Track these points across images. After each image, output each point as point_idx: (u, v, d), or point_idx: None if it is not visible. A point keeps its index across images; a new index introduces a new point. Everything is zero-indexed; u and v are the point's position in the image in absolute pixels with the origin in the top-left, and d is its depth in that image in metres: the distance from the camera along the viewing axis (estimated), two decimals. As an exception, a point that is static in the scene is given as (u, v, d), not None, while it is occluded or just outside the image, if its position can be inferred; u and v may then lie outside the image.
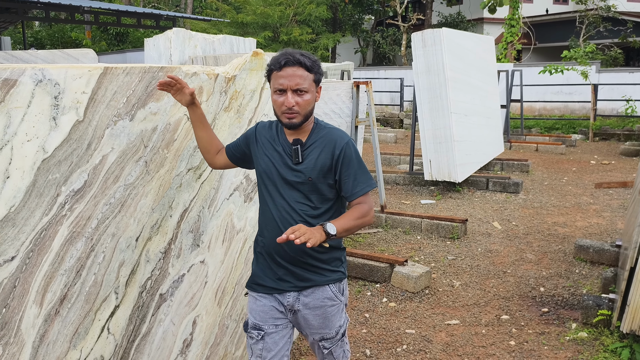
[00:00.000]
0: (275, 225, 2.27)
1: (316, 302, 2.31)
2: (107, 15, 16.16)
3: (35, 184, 1.98)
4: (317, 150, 2.25)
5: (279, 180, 2.27)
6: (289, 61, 2.17)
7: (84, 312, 2.16)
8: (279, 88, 2.19)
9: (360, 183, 2.24)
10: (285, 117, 2.21)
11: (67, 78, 2.08)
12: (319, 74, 2.25)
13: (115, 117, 2.26)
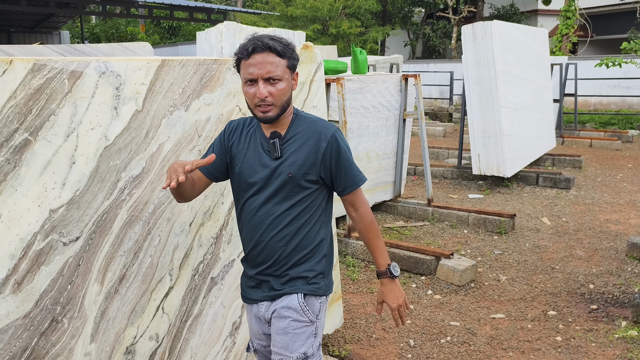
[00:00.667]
0: (251, 226, 2.07)
1: (280, 312, 2.05)
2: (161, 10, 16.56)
3: (97, 169, 2.10)
4: (298, 143, 2.02)
5: (256, 182, 2.04)
6: (257, 47, 1.92)
7: (141, 291, 2.28)
8: (248, 78, 1.94)
9: (351, 177, 2.06)
10: (259, 111, 1.97)
11: (128, 70, 2.20)
12: (293, 59, 2.00)
13: (172, 107, 2.36)
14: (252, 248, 2.09)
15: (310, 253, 2.08)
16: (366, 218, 2.11)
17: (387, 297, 2.14)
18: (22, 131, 1.88)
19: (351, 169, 2.08)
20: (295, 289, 2.05)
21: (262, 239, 2.05)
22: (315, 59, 3.21)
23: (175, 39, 28.81)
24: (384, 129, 6.07)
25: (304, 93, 3.12)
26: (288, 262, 2.06)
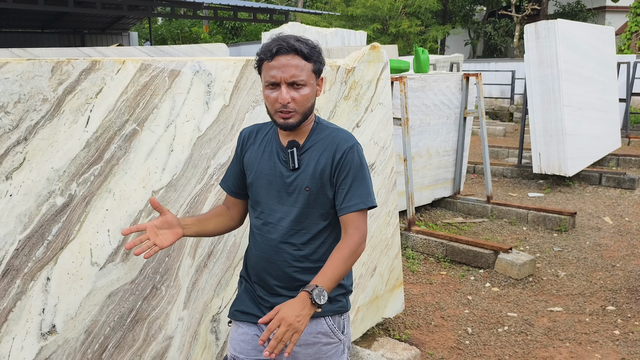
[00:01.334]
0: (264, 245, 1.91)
1: (308, 338, 1.89)
2: (225, 11, 17.13)
3: (191, 157, 2.38)
4: (316, 154, 1.85)
5: (271, 195, 1.89)
6: (282, 48, 1.77)
7: (225, 267, 2.55)
8: (271, 81, 1.79)
9: (355, 196, 1.82)
10: (279, 117, 1.81)
11: (218, 69, 2.47)
12: (319, 63, 1.85)
13: (254, 102, 2.62)
14: (263, 267, 1.92)
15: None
16: (347, 240, 1.80)
17: (284, 307, 1.66)
18: (131, 122, 2.18)
19: (360, 187, 1.84)
20: (320, 311, 1.80)
21: (275, 259, 1.89)
22: (382, 58, 3.41)
23: (237, 39, 29.57)
24: (445, 126, 6.20)
25: (371, 91, 3.33)
26: (305, 283, 1.84)
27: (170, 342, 2.34)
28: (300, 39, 1.81)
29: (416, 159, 5.91)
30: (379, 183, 3.42)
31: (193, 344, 2.44)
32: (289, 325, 1.61)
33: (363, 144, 3.27)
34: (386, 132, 3.46)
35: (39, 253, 1.94)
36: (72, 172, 2.00)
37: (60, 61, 1.96)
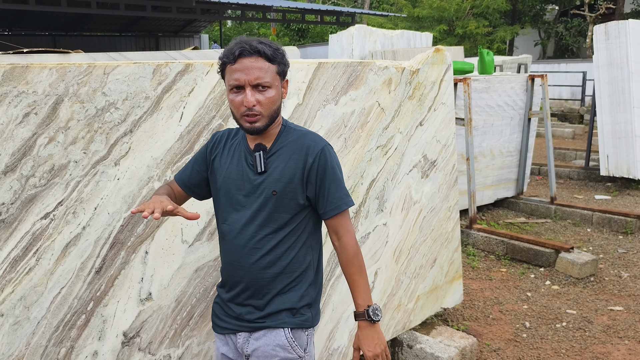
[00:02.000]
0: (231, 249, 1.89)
1: (267, 350, 1.86)
2: (293, 13, 17.54)
3: (268, 150, 2.64)
4: (284, 157, 1.84)
5: (237, 199, 1.86)
6: (245, 50, 1.74)
7: (296, 251, 2.80)
8: (234, 84, 1.75)
9: (336, 199, 1.85)
10: (245, 121, 1.78)
11: (292, 71, 2.72)
12: (283, 65, 1.82)
13: (324, 101, 2.86)
14: (231, 274, 1.91)
15: (295, 281, 1.88)
16: (349, 249, 1.86)
17: (363, 344, 1.84)
18: (217, 117, 2.46)
19: (338, 189, 1.86)
20: (280, 322, 1.86)
21: (242, 264, 1.87)
22: (445, 60, 3.58)
23: (303, 41, 30.05)
24: (509, 127, 6.26)
25: (434, 91, 3.50)
26: (271, 291, 1.86)
27: (246, 315, 2.61)
28: (263, 41, 1.78)
29: (479, 159, 6.00)
30: (441, 179, 3.59)
31: (266, 319, 2.70)
32: (377, 355, 1.83)
33: (426, 142, 3.46)
34: (448, 131, 3.62)
35: (140, 230, 2.24)
36: (168, 161, 2.30)
37: (160, 64, 2.26)
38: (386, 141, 3.20)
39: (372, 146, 3.13)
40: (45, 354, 2.02)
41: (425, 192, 3.49)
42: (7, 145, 1.90)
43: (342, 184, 1.88)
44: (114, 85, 2.13)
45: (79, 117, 2.05)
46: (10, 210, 1.92)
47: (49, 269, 2.02)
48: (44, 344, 2.02)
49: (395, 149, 3.27)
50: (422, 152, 3.45)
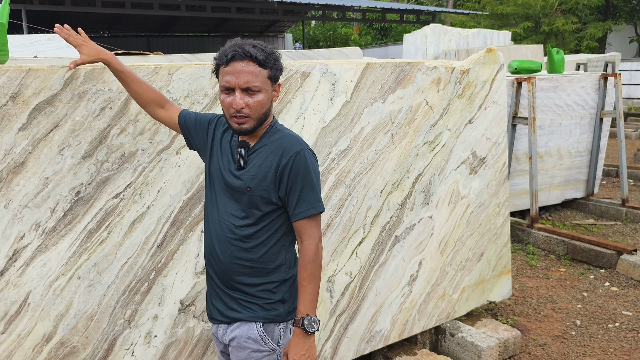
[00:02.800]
0: (212, 237, 1.97)
1: (241, 341, 1.94)
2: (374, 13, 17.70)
3: (316, 143, 2.88)
4: (262, 155, 1.89)
5: (220, 185, 1.95)
6: (237, 54, 1.80)
7: (341, 237, 3.03)
8: (225, 86, 1.83)
9: (306, 202, 1.87)
10: (234, 122, 1.84)
11: (342, 71, 2.94)
12: (275, 69, 1.87)
13: (372, 99, 3.06)
14: (208, 257, 2.00)
15: (266, 277, 1.94)
16: (306, 255, 1.87)
17: (291, 350, 1.87)
18: (269, 113, 2.72)
19: (309, 194, 1.88)
20: (253, 316, 1.93)
21: (217, 251, 1.95)
22: (497, 60, 3.67)
23: (386, 40, 30.08)
24: (578, 127, 6.16)
25: (485, 90, 3.61)
26: (241, 281, 1.93)
27: (292, 293, 2.87)
28: (257, 45, 1.83)
29: (545, 159, 5.96)
30: (490, 176, 3.69)
31: (311, 298, 2.94)
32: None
33: (475, 139, 3.57)
34: (499, 129, 3.71)
35: (197, 211, 2.55)
36: (223, 151, 2.59)
37: (218, 65, 2.55)
38: (434, 137, 3.35)
39: (419, 142, 3.29)
40: (113, 314, 2.36)
41: (474, 188, 3.61)
42: (86, 134, 2.24)
43: (316, 189, 1.90)
44: (177, 84, 2.44)
45: (146, 111, 2.38)
46: (87, 190, 2.27)
47: (118, 241, 2.36)
48: (113, 305, 2.36)
49: (443, 145, 3.42)
50: (471, 149, 3.57)
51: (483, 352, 3.27)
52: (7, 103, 2.09)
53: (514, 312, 4.08)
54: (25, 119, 2.13)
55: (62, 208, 2.23)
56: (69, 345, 2.27)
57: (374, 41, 30.26)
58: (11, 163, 2.12)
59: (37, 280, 2.20)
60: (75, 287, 2.27)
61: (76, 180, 2.24)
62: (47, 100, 2.16)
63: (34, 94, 2.13)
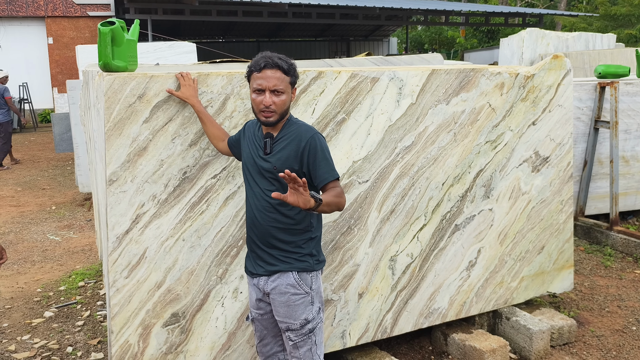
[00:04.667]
0: (252, 210, 2.50)
1: (281, 288, 2.47)
2: (477, 17, 17.64)
3: (383, 139, 3.32)
4: (284, 143, 2.43)
5: (254, 170, 2.48)
6: (268, 64, 2.36)
7: (403, 223, 3.44)
8: (257, 88, 2.37)
9: (324, 172, 2.39)
10: (262, 115, 2.39)
11: (408, 76, 3.36)
12: (294, 77, 2.44)
13: (436, 101, 3.45)
14: (250, 226, 2.53)
15: (298, 235, 2.47)
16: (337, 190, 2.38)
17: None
18: (342, 113, 3.20)
19: (326, 165, 2.40)
20: (289, 267, 2.46)
21: (257, 219, 2.48)
22: (564, 66, 3.91)
23: (492, 43, 29.56)
24: (669, 132, 6.09)
25: (550, 94, 3.86)
26: (278, 239, 2.45)
27: (357, 268, 3.33)
28: (282, 58, 2.41)
29: (632, 163, 5.96)
30: (554, 174, 3.93)
31: (374, 274, 3.38)
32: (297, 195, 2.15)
33: (539, 140, 3.83)
34: (564, 131, 3.95)
35: (278, 193, 3.07)
36: (301, 144, 3.09)
37: (299, 72, 3.06)
38: (496, 137, 3.67)
39: (481, 141, 3.63)
40: (209, 271, 2.95)
41: (536, 185, 3.87)
42: (192, 127, 2.84)
43: (330, 162, 2.42)
44: (264, 87, 2.98)
45: (239, 109, 2.94)
46: (192, 171, 2.87)
47: (214, 213, 2.94)
48: (208, 264, 2.95)
49: (505, 145, 3.72)
50: (534, 148, 3.84)
51: (534, 335, 3.55)
52: (135, 101, 2.72)
53: (578, 307, 4.27)
54: (148, 114, 2.76)
55: (172, 184, 2.84)
56: (174, 292, 2.89)
57: (480, 44, 29.81)
58: (137, 148, 2.75)
59: (152, 240, 2.82)
60: (180, 247, 2.88)
61: (184, 163, 2.85)
62: (164, 100, 2.78)
63: (155, 94, 2.76)
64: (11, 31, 18.46)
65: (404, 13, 17.77)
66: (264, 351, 2.67)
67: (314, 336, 2.52)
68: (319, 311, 2.53)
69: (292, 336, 2.50)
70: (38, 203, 7.99)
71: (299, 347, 2.50)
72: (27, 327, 4.09)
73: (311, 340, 2.51)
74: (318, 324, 2.52)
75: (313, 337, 2.52)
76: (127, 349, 2.81)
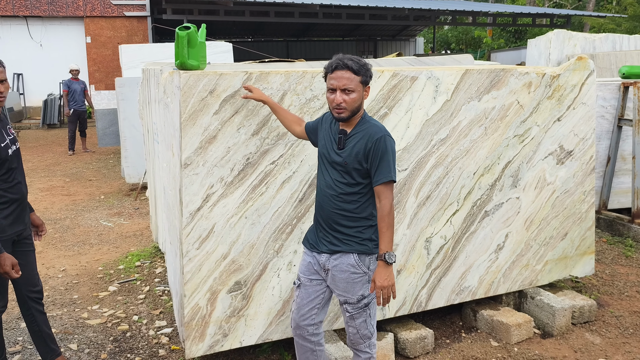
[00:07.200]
0: (321, 195, 2.79)
1: (342, 266, 2.74)
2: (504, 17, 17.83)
3: (420, 132, 3.69)
4: (355, 140, 2.66)
5: (327, 160, 2.74)
6: (339, 65, 2.60)
7: (437, 208, 3.81)
8: (330, 87, 2.63)
9: (382, 173, 2.61)
10: (335, 112, 2.64)
11: (444, 75, 3.72)
12: (366, 76, 2.63)
13: (469, 98, 3.81)
14: (318, 209, 2.82)
15: (360, 222, 2.72)
16: (384, 209, 2.61)
17: (376, 277, 2.62)
18: (384, 108, 3.58)
19: (385, 167, 2.61)
20: (350, 248, 2.72)
21: (324, 204, 2.76)
22: (588, 67, 4.22)
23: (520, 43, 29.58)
24: (692, 131, 6.33)
25: (575, 93, 4.18)
26: (341, 224, 2.72)
27: (396, 247, 3.70)
28: (354, 59, 2.62)
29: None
30: (577, 167, 4.26)
31: (411, 253, 3.76)
32: (385, 287, 2.60)
33: (563, 135, 4.16)
34: (587, 127, 4.27)
35: (327, 178, 3.46)
36: (348, 135, 3.48)
37: (347, 71, 3.44)
38: (523, 131, 4.01)
39: (509, 135, 3.97)
40: (267, 245, 3.35)
41: (560, 176, 4.20)
42: (255, 118, 3.25)
43: (391, 164, 2.62)
44: (317, 84, 3.38)
45: (295, 103, 3.34)
46: (254, 157, 3.28)
47: (272, 194, 3.34)
48: (266, 239, 3.35)
49: (532, 139, 4.06)
50: (559, 143, 4.17)
51: (557, 312, 3.88)
52: (207, 96, 3.14)
53: (599, 291, 4.58)
54: (217, 107, 3.17)
55: (237, 168, 3.25)
56: (237, 263, 3.30)
57: (507, 44, 29.86)
58: (207, 136, 3.17)
59: (219, 216, 3.23)
60: (243, 223, 3.29)
61: (247, 150, 3.26)
62: (231, 95, 3.19)
63: (223, 90, 3.17)
64: (52, 30, 19.19)
65: (432, 13, 18.04)
66: (297, 320, 2.90)
67: (368, 309, 2.80)
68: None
69: (349, 308, 2.78)
70: (87, 193, 8.52)
71: (354, 318, 2.79)
72: (94, 299, 4.56)
73: (366, 313, 2.80)
74: (373, 299, 2.80)
75: (368, 310, 2.80)
76: (197, 311, 3.23)
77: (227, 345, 3.34)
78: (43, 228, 3.51)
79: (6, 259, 2.93)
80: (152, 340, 3.88)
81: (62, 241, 6.13)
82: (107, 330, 4.03)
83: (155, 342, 3.86)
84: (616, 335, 3.90)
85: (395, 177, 2.64)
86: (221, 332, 3.31)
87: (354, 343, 2.89)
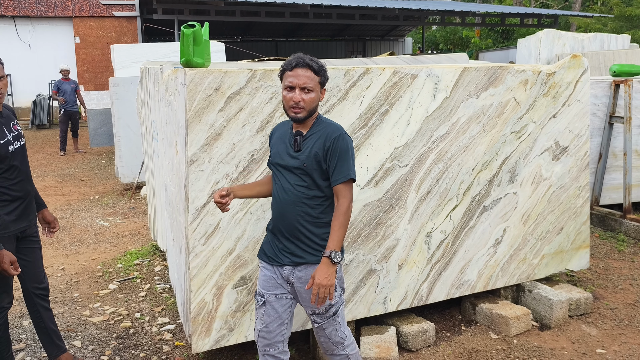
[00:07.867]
0: (280, 203, 2.66)
1: (307, 278, 2.63)
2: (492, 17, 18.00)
3: (421, 129, 3.75)
4: (312, 140, 2.60)
5: (282, 167, 2.65)
6: (300, 63, 2.54)
7: (437, 203, 3.87)
8: (288, 85, 2.54)
9: (340, 172, 2.55)
10: (292, 112, 2.55)
11: (443, 73, 3.79)
12: (324, 77, 2.60)
13: (467, 95, 3.87)
14: (277, 218, 2.69)
15: (325, 228, 2.64)
16: (341, 208, 2.56)
17: (317, 274, 2.51)
18: (385, 105, 3.63)
19: (344, 166, 2.56)
20: (315, 259, 2.62)
21: (286, 212, 2.64)
22: (582, 65, 4.31)
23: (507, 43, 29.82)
24: (680, 128, 6.46)
25: (569, 90, 4.27)
26: (303, 232, 2.61)
27: (397, 242, 3.76)
28: (313, 59, 2.58)
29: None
30: (572, 163, 4.34)
31: (412, 247, 3.82)
32: (323, 286, 2.49)
33: (558, 131, 4.25)
34: (582, 123, 4.35)
35: (330, 174, 3.51)
36: (350, 131, 3.53)
37: (349, 69, 3.50)
38: (520, 128, 4.09)
39: (507, 131, 4.05)
40: (271, 240, 3.39)
41: (556, 172, 4.29)
42: (259, 115, 3.29)
43: (350, 163, 2.58)
44: (331, 83, 3.42)
45: (298, 101, 3.38)
46: (258, 154, 3.32)
47: (277, 190, 3.38)
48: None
49: (528, 135, 4.14)
50: (554, 139, 4.25)
51: (554, 304, 3.96)
52: (213, 93, 3.18)
53: (594, 284, 4.67)
54: (223, 104, 3.21)
55: (242, 165, 3.29)
56: (242, 258, 3.34)
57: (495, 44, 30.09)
58: (213, 133, 3.21)
59: (225, 212, 3.27)
60: (248, 219, 3.33)
61: (252, 147, 3.30)
62: (236, 92, 3.23)
63: (228, 87, 3.21)
64: (40, 31, 19.08)
65: (421, 14, 18.17)
66: (267, 337, 2.76)
67: (337, 317, 2.74)
68: (340, 294, 2.75)
69: (317, 319, 2.73)
70: (81, 193, 8.50)
71: (324, 328, 2.74)
72: (95, 297, 4.57)
73: (335, 321, 2.74)
74: (340, 306, 2.74)
75: (336, 318, 2.74)
76: (204, 306, 3.27)
77: (232, 340, 3.38)
78: (55, 224, 3.53)
79: (4, 256, 2.94)
80: (155, 337, 3.91)
81: (59, 240, 6.13)
82: (110, 328, 4.05)
83: (159, 338, 3.89)
84: (612, 326, 3.99)
85: (354, 176, 2.60)
86: (227, 327, 3.35)
87: (327, 350, 2.86)
